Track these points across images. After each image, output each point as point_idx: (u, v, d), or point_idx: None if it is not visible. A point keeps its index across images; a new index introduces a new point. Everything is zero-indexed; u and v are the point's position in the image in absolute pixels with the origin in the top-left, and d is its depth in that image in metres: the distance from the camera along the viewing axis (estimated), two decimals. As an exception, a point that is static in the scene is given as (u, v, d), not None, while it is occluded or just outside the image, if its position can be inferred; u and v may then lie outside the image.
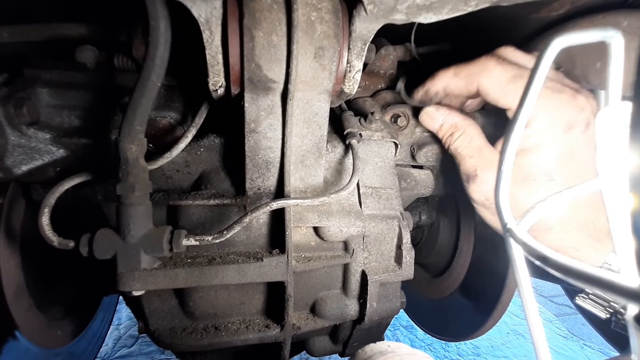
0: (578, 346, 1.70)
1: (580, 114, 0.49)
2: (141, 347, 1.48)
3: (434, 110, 0.62)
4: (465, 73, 0.54)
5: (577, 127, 0.50)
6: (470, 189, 0.58)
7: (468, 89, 0.55)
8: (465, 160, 0.58)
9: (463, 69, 0.55)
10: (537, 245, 0.19)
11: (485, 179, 0.56)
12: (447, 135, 0.60)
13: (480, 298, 0.87)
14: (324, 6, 0.43)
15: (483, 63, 0.53)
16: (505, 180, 0.23)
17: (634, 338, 0.18)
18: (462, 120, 0.59)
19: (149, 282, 0.48)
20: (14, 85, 0.54)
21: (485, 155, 0.57)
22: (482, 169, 0.56)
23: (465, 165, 0.58)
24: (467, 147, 0.58)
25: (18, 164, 0.55)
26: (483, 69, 0.53)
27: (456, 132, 0.59)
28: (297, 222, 0.56)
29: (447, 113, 0.61)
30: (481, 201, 0.58)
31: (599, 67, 0.57)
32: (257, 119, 0.50)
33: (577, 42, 0.24)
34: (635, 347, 0.18)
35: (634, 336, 0.18)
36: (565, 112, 0.49)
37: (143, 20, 0.48)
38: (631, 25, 0.53)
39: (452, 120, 0.59)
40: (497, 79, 0.51)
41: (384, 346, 0.37)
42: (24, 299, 0.72)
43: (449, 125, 0.60)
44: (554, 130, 0.50)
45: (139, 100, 0.44)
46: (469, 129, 0.58)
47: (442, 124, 0.60)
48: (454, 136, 0.59)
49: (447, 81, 0.57)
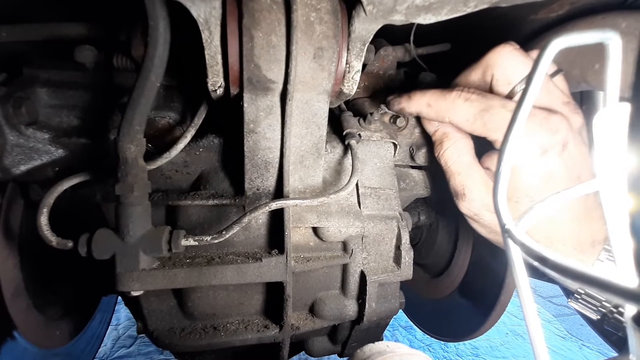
0: (577, 347, 1.70)
1: (554, 137, 0.50)
2: (140, 348, 1.48)
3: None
4: (437, 108, 0.55)
5: (553, 150, 0.50)
6: (459, 204, 0.59)
7: (440, 121, 0.57)
8: (454, 177, 0.58)
9: (435, 103, 0.56)
10: (535, 246, 0.19)
11: (473, 198, 0.57)
12: (437, 143, 0.60)
13: (479, 298, 0.87)
14: (323, 7, 0.43)
15: (452, 100, 0.54)
16: (503, 183, 0.24)
17: (632, 338, 0.18)
18: (455, 132, 0.58)
19: (148, 282, 0.48)
20: (12, 84, 0.54)
21: (473, 174, 0.57)
22: (470, 189, 0.57)
23: (454, 181, 0.58)
24: (456, 162, 0.58)
25: (16, 163, 0.55)
26: (451, 106, 0.54)
27: (446, 141, 0.58)
28: (296, 223, 0.56)
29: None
30: (470, 215, 0.59)
31: (597, 68, 0.57)
32: (256, 119, 0.50)
33: (575, 43, 0.24)
34: (633, 347, 0.18)
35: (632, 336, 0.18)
36: (538, 137, 0.50)
37: (142, 20, 0.48)
38: (630, 27, 0.53)
39: (446, 128, 0.59)
40: (465, 115, 0.53)
41: (382, 346, 0.37)
42: (22, 299, 0.71)
43: (442, 133, 0.59)
44: (529, 155, 0.50)
45: (138, 100, 0.44)
46: (460, 143, 0.58)
47: (437, 129, 0.60)
48: (443, 145, 0.59)
49: (421, 109, 0.57)
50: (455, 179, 0.58)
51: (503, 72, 0.53)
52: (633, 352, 0.18)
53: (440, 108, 0.55)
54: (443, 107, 0.55)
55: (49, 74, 0.57)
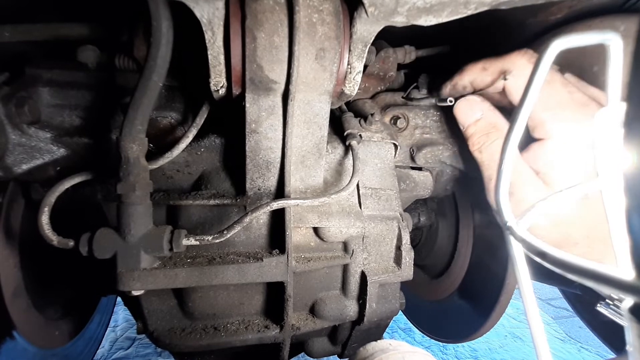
0: (575, 349, 1.70)
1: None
2: (138, 350, 1.48)
3: (476, 101, 0.55)
4: (494, 68, 0.51)
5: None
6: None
7: (495, 85, 0.52)
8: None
9: (492, 63, 0.52)
10: (536, 241, 0.19)
11: (522, 198, 0.49)
12: (480, 134, 0.53)
13: (479, 300, 0.87)
14: (326, 8, 0.44)
15: (514, 59, 0.50)
16: (505, 179, 0.24)
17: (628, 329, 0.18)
18: (504, 122, 0.52)
19: (149, 281, 0.48)
20: (15, 84, 0.54)
21: (522, 170, 0.50)
22: (519, 186, 0.49)
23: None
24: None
25: (18, 162, 0.55)
26: (513, 66, 0.49)
27: (493, 133, 0.52)
28: (297, 223, 0.56)
29: (489, 108, 0.54)
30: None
31: (595, 70, 0.57)
32: (258, 120, 0.50)
33: (576, 44, 0.24)
34: (630, 339, 0.18)
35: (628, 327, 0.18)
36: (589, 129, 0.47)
37: (145, 21, 0.48)
38: (628, 30, 0.53)
39: (493, 118, 0.53)
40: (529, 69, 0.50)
41: (385, 344, 0.37)
42: (22, 299, 0.71)
43: (487, 124, 0.53)
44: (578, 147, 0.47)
45: (140, 100, 0.44)
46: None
47: (480, 119, 0.53)
48: (490, 137, 0.52)
49: (475, 75, 0.53)
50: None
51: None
52: (630, 343, 0.18)
53: (496, 66, 0.51)
54: (500, 64, 0.50)
55: (52, 73, 0.57)
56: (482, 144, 0.53)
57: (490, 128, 0.53)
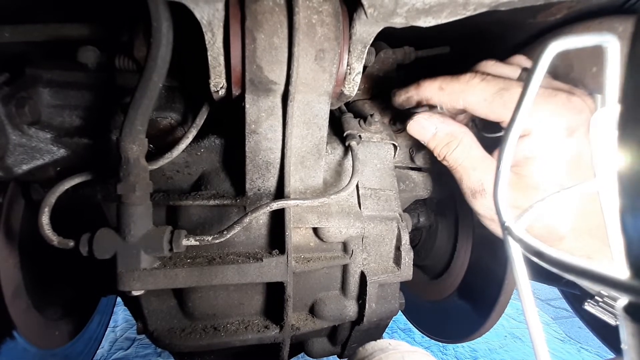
0: (575, 349, 1.70)
1: (580, 116, 0.47)
2: (137, 350, 1.47)
3: (425, 120, 0.57)
4: (450, 90, 0.52)
5: (579, 130, 0.47)
6: (476, 204, 0.55)
7: (452, 105, 0.53)
8: (469, 174, 0.54)
9: (448, 85, 0.52)
10: (533, 241, 0.19)
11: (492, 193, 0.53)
12: (442, 145, 0.56)
13: (478, 300, 0.87)
14: (325, 9, 0.44)
15: (467, 80, 0.51)
16: (503, 179, 0.24)
17: (623, 328, 0.18)
18: (458, 129, 0.55)
19: (149, 281, 0.48)
20: (15, 84, 0.54)
21: (489, 167, 0.53)
22: (489, 184, 0.52)
23: (468, 179, 0.54)
24: (467, 158, 0.54)
25: (19, 163, 0.55)
26: (467, 86, 0.51)
27: (453, 141, 0.55)
28: (297, 223, 0.56)
29: (440, 121, 0.56)
30: (490, 215, 0.55)
31: (595, 71, 0.58)
32: (257, 120, 0.50)
33: (573, 46, 0.24)
34: (624, 338, 0.18)
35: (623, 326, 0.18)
36: (563, 117, 0.47)
37: (145, 21, 0.48)
38: (626, 31, 0.53)
39: (448, 128, 0.55)
40: (482, 95, 0.50)
41: (384, 344, 0.38)
42: (22, 299, 0.71)
43: (444, 135, 0.55)
44: (555, 137, 0.48)
45: (140, 100, 0.44)
46: (466, 138, 0.54)
47: (435, 133, 0.56)
48: (450, 146, 0.55)
49: (432, 94, 0.54)
50: (470, 176, 0.54)
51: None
52: (624, 342, 0.18)
53: (453, 89, 0.51)
54: (457, 89, 0.51)
55: (52, 74, 0.57)
56: (446, 154, 0.56)
57: (448, 138, 0.55)
